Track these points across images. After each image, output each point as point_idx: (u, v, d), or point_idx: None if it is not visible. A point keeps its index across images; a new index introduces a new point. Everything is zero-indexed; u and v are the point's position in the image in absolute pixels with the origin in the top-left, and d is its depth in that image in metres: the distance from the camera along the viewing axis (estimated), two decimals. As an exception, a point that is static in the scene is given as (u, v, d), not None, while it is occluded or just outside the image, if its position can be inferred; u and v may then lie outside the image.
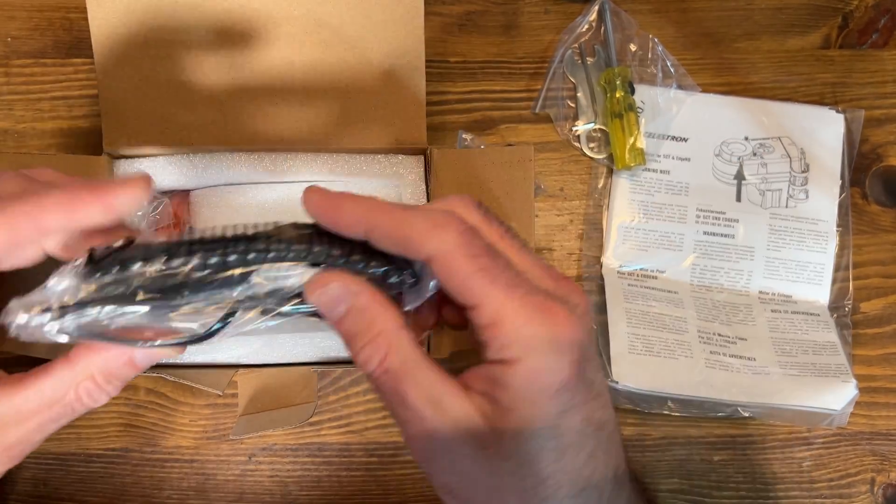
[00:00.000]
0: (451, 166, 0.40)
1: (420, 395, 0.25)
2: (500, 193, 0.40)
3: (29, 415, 0.27)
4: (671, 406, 0.44)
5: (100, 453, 0.44)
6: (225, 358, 0.39)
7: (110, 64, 0.38)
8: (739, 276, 0.47)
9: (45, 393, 0.27)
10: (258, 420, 0.40)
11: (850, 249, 0.48)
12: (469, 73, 0.48)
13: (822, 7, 0.50)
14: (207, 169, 0.40)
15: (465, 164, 0.40)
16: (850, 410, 0.44)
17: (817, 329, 0.46)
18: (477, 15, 0.49)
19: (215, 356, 0.38)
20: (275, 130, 0.39)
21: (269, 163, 0.40)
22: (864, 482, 0.46)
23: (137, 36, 0.38)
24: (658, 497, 0.46)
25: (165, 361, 0.38)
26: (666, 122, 0.48)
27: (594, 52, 0.48)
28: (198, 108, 0.39)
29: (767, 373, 0.44)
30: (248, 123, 0.39)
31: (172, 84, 0.39)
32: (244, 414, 0.40)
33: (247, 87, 0.39)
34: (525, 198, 0.40)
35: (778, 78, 0.49)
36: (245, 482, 0.44)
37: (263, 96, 0.39)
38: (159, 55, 0.38)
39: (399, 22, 0.40)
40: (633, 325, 0.44)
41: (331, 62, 0.40)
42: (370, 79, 0.40)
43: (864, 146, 0.49)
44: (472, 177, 0.40)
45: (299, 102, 0.40)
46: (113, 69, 0.38)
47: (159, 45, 0.38)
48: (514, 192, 0.40)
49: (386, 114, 0.40)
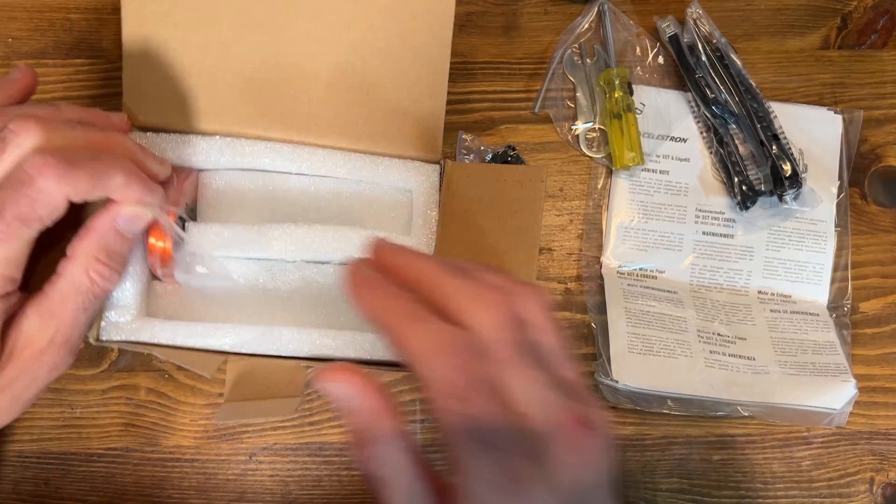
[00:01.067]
0: (463, 180, 0.40)
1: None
2: (507, 212, 0.40)
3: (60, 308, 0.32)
4: (671, 405, 0.44)
5: (101, 453, 0.44)
6: (217, 345, 0.38)
7: (137, 37, 0.38)
8: (739, 275, 0.47)
9: (65, 290, 0.32)
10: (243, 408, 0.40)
11: (849, 249, 0.48)
12: (469, 74, 0.48)
13: (821, 8, 0.50)
14: (222, 152, 0.40)
15: (477, 178, 0.40)
16: (849, 410, 0.44)
17: (816, 329, 0.46)
18: (477, 15, 0.49)
19: (208, 341, 0.38)
20: (293, 124, 0.40)
21: (287, 154, 0.40)
22: (863, 482, 0.46)
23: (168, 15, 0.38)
24: (658, 497, 0.46)
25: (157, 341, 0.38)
26: (665, 122, 0.48)
27: (594, 52, 0.48)
28: (219, 93, 0.39)
29: (767, 372, 0.44)
30: (267, 114, 0.40)
31: (196, 67, 0.39)
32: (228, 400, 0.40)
33: (270, 79, 0.39)
34: (533, 218, 0.40)
35: (777, 78, 0.49)
36: (246, 481, 0.44)
37: (286, 89, 0.39)
38: (186, 36, 0.39)
39: (427, 32, 0.40)
40: (632, 324, 0.44)
41: (355, 63, 0.40)
42: (393, 85, 0.40)
43: (863, 146, 0.49)
44: (483, 192, 0.40)
45: (320, 100, 0.40)
46: (140, 43, 0.39)
47: (188, 26, 0.39)
48: (522, 211, 0.40)
49: (405, 121, 0.40)
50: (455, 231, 0.39)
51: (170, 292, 0.41)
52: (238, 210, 0.42)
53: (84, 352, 0.45)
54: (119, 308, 0.38)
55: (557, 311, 0.47)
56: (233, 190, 0.42)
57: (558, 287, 0.47)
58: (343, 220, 0.42)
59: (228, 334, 0.38)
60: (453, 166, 0.40)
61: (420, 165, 0.41)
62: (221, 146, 0.40)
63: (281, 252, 0.40)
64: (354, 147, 0.41)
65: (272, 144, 0.40)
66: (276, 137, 0.40)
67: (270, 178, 0.42)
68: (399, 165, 0.41)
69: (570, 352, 0.27)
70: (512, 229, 0.40)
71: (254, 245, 0.39)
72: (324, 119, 0.40)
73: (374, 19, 0.40)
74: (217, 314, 0.40)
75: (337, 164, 0.41)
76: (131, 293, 0.38)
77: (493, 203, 0.40)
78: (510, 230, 0.40)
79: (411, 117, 0.40)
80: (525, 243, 0.40)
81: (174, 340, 0.38)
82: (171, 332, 0.38)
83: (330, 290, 0.41)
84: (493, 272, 0.28)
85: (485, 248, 0.40)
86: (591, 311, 0.46)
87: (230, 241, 0.39)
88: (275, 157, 0.40)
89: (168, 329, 0.38)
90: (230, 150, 0.40)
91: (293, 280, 0.41)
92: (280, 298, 0.41)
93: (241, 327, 0.39)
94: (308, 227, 0.40)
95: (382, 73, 0.40)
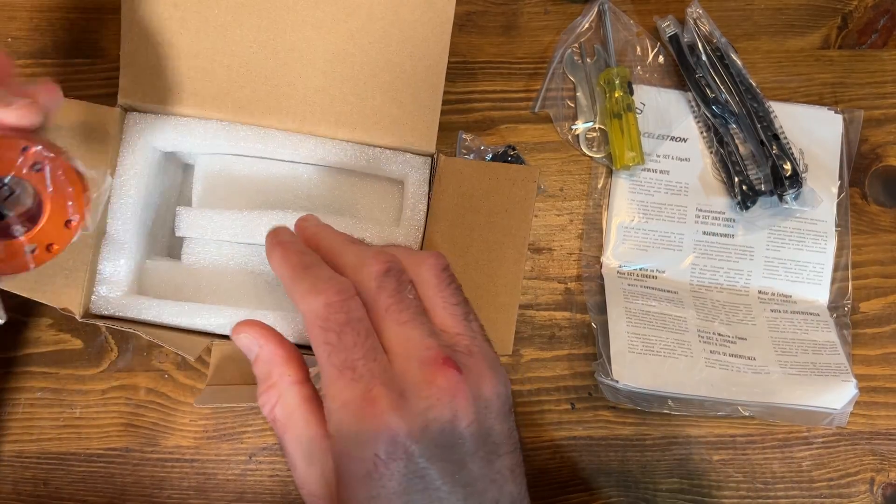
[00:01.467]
0: (455, 175, 0.40)
1: (297, 449, 0.28)
2: (498, 210, 0.40)
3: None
4: (671, 405, 0.44)
5: (100, 453, 0.44)
6: (203, 325, 0.38)
7: (137, 18, 0.39)
8: (739, 275, 0.47)
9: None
10: (224, 392, 0.40)
11: (850, 249, 0.48)
12: (469, 74, 0.48)
13: (821, 7, 0.50)
14: (217, 136, 0.40)
15: (469, 174, 0.40)
16: (849, 410, 0.44)
17: (817, 329, 0.46)
18: (477, 15, 0.49)
19: (193, 321, 0.38)
20: (288, 111, 0.40)
21: (280, 141, 0.40)
22: (863, 482, 0.46)
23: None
24: (658, 497, 0.46)
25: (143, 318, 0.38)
26: (665, 122, 0.48)
27: (594, 52, 0.48)
28: (215, 76, 0.39)
29: (767, 372, 0.44)
30: (262, 99, 0.40)
31: (193, 49, 0.39)
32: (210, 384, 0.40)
33: (266, 64, 0.39)
34: (523, 217, 0.40)
35: (777, 78, 0.49)
36: (245, 482, 0.44)
37: (282, 75, 0.39)
38: (185, 17, 0.39)
39: (427, 25, 0.40)
40: (632, 324, 0.44)
41: (353, 53, 0.40)
42: (390, 76, 0.40)
43: (863, 146, 0.49)
44: (475, 188, 0.40)
45: (316, 87, 0.40)
46: (139, 24, 0.39)
47: (187, 7, 0.39)
48: (512, 210, 0.40)
49: (400, 114, 0.40)
50: (444, 226, 0.40)
51: (162, 271, 0.41)
52: (232, 195, 0.42)
53: (84, 352, 0.45)
54: (110, 283, 0.39)
55: (557, 310, 0.47)
56: (227, 175, 0.42)
57: (558, 287, 0.47)
58: (334, 209, 0.42)
59: (214, 315, 0.39)
60: (446, 161, 0.40)
61: (412, 158, 0.41)
62: (217, 130, 0.40)
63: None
64: (348, 137, 0.40)
65: (266, 131, 0.40)
66: (270, 124, 0.40)
67: (264, 165, 0.42)
68: (391, 157, 0.41)
69: (464, 308, 0.29)
70: (501, 227, 0.40)
71: (244, 232, 0.40)
72: (319, 107, 0.40)
73: (373, 9, 0.40)
74: (206, 296, 0.41)
75: (329, 152, 0.41)
76: (124, 269, 0.39)
77: (483, 200, 0.40)
78: (500, 228, 0.40)
79: (407, 109, 0.40)
80: (514, 242, 0.40)
81: (160, 318, 0.38)
82: (157, 309, 0.38)
83: None
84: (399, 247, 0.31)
85: (473, 245, 0.40)
86: (591, 311, 0.46)
87: (220, 228, 0.40)
88: (268, 143, 0.40)
89: (155, 307, 0.38)
90: (225, 135, 0.40)
91: None
92: (268, 284, 0.42)
93: (227, 309, 0.39)
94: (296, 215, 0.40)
95: (380, 63, 0.40)
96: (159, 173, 0.41)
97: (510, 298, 0.40)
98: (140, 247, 0.40)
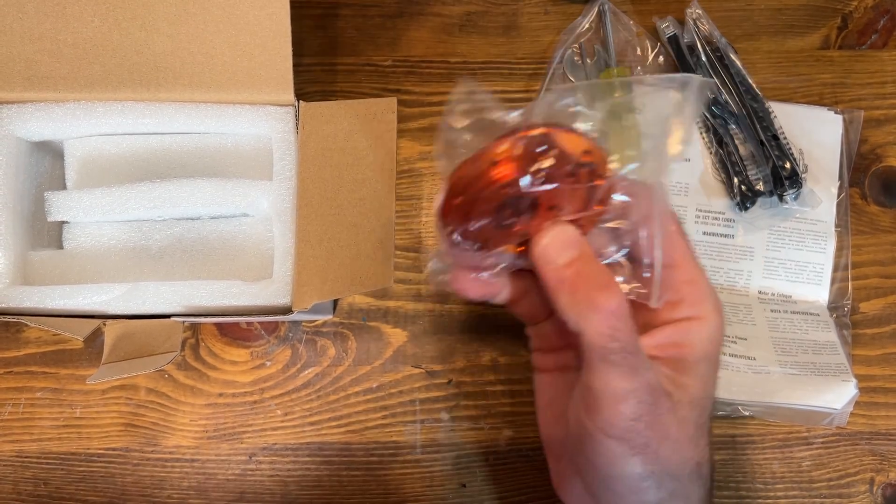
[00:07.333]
0: (317, 119, 0.40)
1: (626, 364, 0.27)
2: (364, 145, 0.40)
3: None
4: (671, 406, 0.44)
5: (101, 453, 0.44)
6: (87, 304, 0.38)
7: None
8: (739, 275, 0.47)
9: None
10: (118, 367, 0.39)
11: (850, 250, 0.48)
12: (469, 74, 0.48)
13: (821, 8, 0.50)
14: (76, 116, 0.40)
15: (330, 116, 0.40)
16: (849, 410, 0.44)
17: (817, 329, 0.46)
18: (477, 16, 0.49)
19: (78, 301, 0.38)
20: (140, 80, 0.39)
21: (140, 111, 0.40)
22: (863, 482, 0.46)
23: None
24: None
25: (28, 306, 0.38)
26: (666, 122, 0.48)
27: (594, 52, 0.49)
28: (62, 56, 0.39)
29: (768, 372, 0.44)
30: (114, 73, 0.39)
31: (35, 31, 0.38)
32: (106, 362, 0.40)
33: (111, 37, 0.39)
34: (388, 148, 0.40)
35: (777, 78, 0.49)
36: (245, 481, 0.44)
37: (128, 45, 0.39)
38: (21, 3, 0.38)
39: None
40: (632, 324, 0.44)
41: (193, 11, 0.39)
42: (234, 28, 0.39)
43: (863, 147, 0.49)
44: (338, 129, 0.40)
45: (164, 52, 0.39)
46: None
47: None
48: (376, 144, 0.40)
49: (253, 65, 0.40)
50: (314, 170, 0.39)
51: (45, 260, 0.41)
52: (105, 176, 0.42)
53: (84, 352, 0.45)
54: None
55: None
56: (98, 156, 0.42)
57: (558, 287, 0.47)
58: (209, 174, 0.42)
59: (95, 293, 0.38)
60: (306, 107, 0.40)
61: (274, 110, 0.41)
62: (74, 110, 0.40)
63: (140, 212, 0.40)
64: (206, 98, 0.40)
65: (123, 103, 0.40)
66: (126, 97, 0.40)
67: (133, 140, 0.42)
68: (251, 112, 0.41)
69: None
70: (368, 163, 0.40)
71: (116, 208, 0.40)
72: (171, 72, 0.39)
73: None
74: (91, 278, 0.41)
75: (191, 116, 0.40)
76: (3, 262, 0.39)
77: (347, 139, 0.40)
78: (367, 164, 0.40)
79: (257, 61, 0.40)
80: (383, 176, 0.40)
81: (43, 304, 0.38)
82: (39, 296, 0.38)
83: (198, 244, 0.42)
84: None
85: (344, 184, 0.40)
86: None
87: (91, 207, 0.40)
88: (127, 116, 0.40)
89: (37, 294, 0.38)
90: (84, 114, 0.40)
91: (163, 238, 0.42)
92: (151, 257, 0.41)
93: (107, 285, 0.38)
94: (162, 183, 0.40)
95: (222, 17, 0.39)
96: (31, 164, 0.41)
97: (386, 233, 0.40)
98: (18, 238, 0.40)
